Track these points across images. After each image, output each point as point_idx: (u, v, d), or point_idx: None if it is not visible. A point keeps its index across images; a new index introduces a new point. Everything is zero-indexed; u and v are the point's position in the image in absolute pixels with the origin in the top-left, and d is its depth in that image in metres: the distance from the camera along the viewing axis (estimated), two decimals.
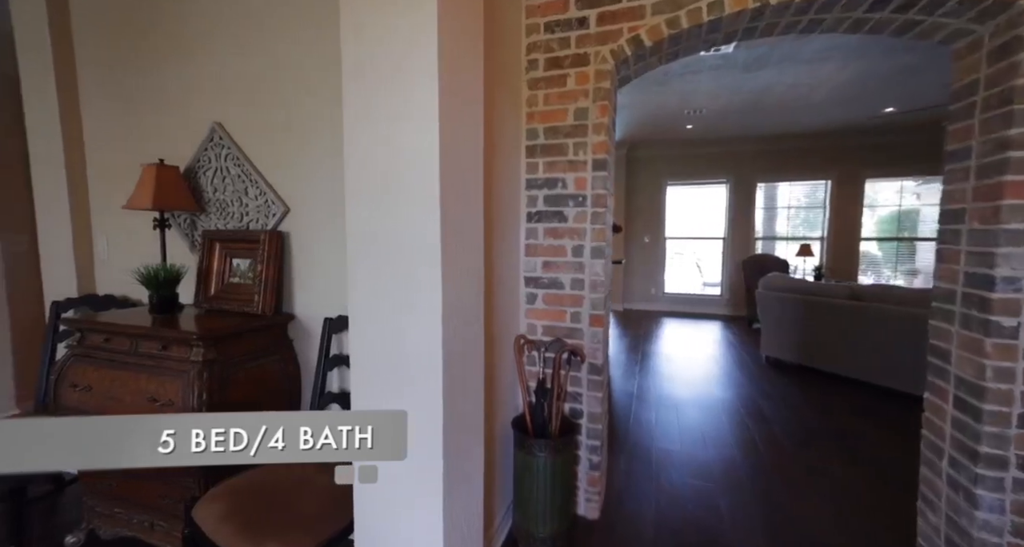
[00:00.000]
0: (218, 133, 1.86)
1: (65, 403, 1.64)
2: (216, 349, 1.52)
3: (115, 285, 2.21)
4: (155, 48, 1.99)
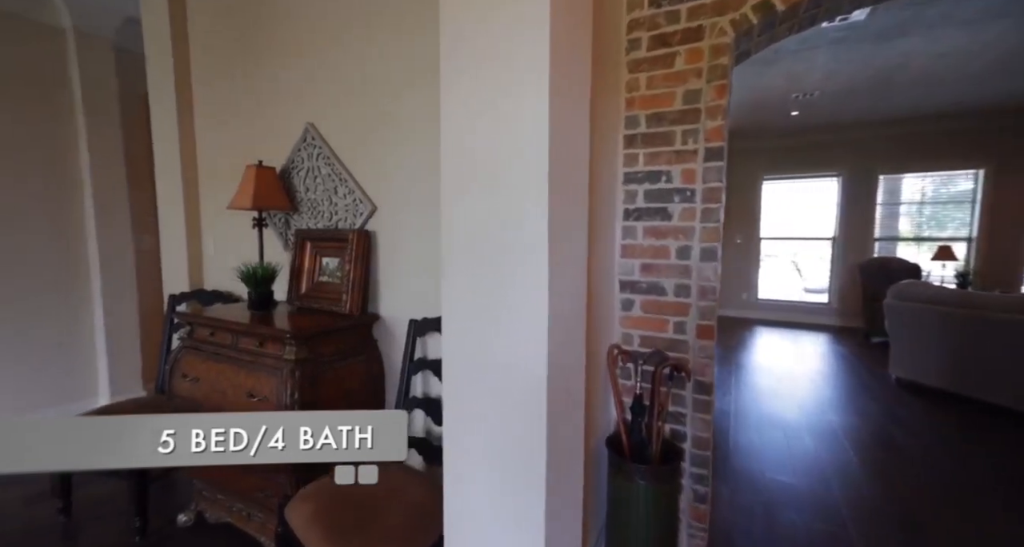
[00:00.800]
0: (311, 133, 1.93)
1: (178, 392, 1.78)
2: (307, 348, 1.55)
3: (220, 281, 2.40)
4: (255, 55, 2.12)
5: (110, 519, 1.93)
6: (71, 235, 2.86)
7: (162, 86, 2.37)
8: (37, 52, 2.69)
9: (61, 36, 2.78)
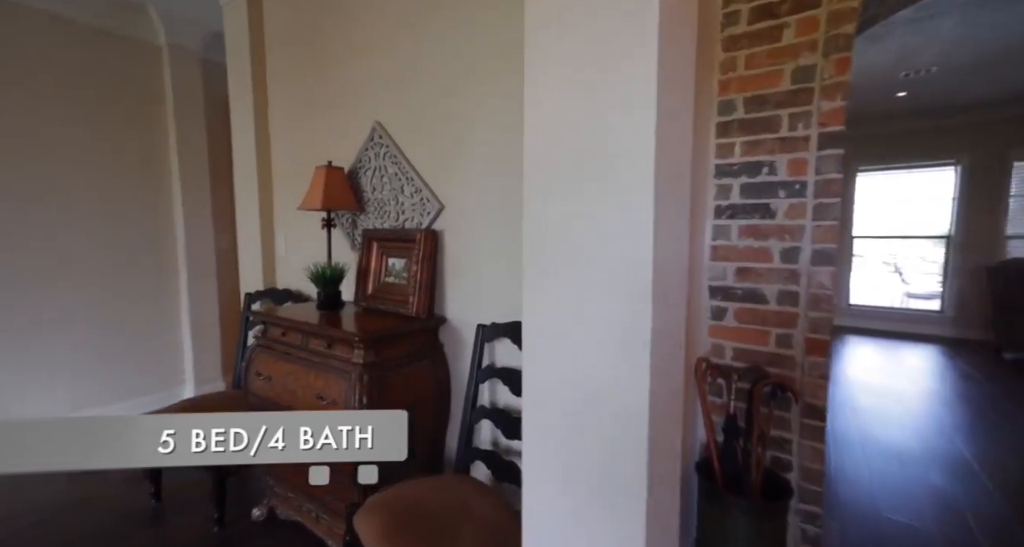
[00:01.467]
0: (378, 132, 1.94)
1: (253, 389, 1.86)
2: (375, 351, 1.54)
3: (291, 280, 2.50)
4: (324, 58, 2.17)
5: (193, 507, 2.06)
6: (163, 235, 3.13)
7: (241, 93, 2.51)
8: (139, 68, 2.95)
9: (158, 53, 3.03)
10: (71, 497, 2.13)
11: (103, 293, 2.88)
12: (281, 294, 2.41)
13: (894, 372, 4.02)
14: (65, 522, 1.96)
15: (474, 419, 1.54)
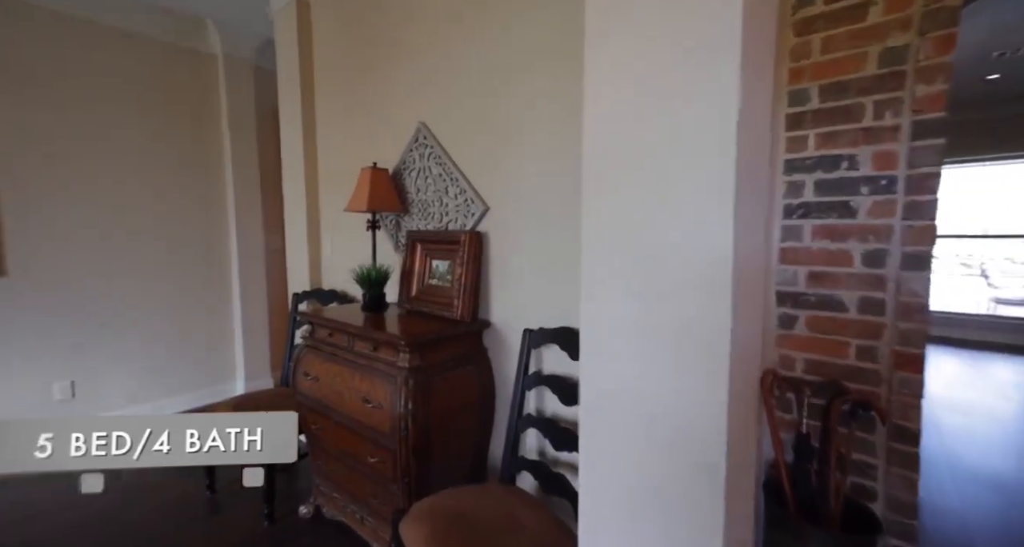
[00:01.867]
0: (422, 132, 1.94)
1: (300, 388, 1.90)
2: (420, 355, 1.53)
3: (336, 281, 2.56)
4: (371, 59, 2.20)
5: (245, 500, 2.14)
6: (217, 236, 3.29)
7: (290, 98, 2.59)
8: (198, 77, 3.12)
9: (214, 62, 3.20)
10: (140, 482, 2.27)
11: (165, 291, 3.06)
12: (327, 295, 2.47)
13: (983, 387, 3.65)
14: (132, 506, 2.09)
15: (520, 427, 1.50)
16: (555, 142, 1.51)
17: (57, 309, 2.66)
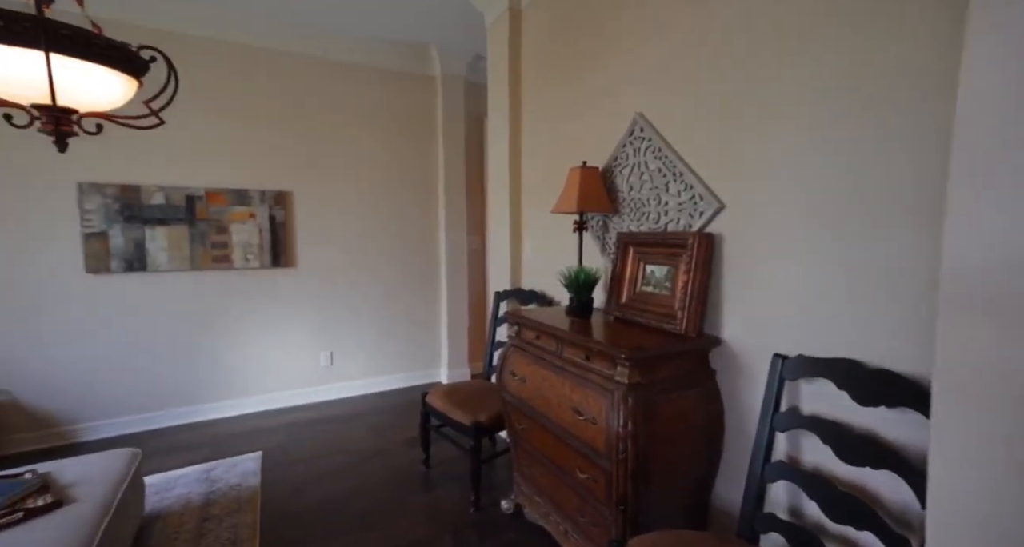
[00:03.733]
0: (639, 124, 1.76)
1: (507, 386, 1.94)
2: (641, 371, 1.37)
3: (535, 281, 2.58)
4: (579, 58, 2.12)
5: (452, 481, 2.32)
6: (430, 237, 3.71)
7: (498, 107, 2.71)
8: (419, 96, 3.57)
9: (433, 82, 3.61)
10: (371, 447, 2.68)
11: (390, 284, 3.58)
12: (527, 295, 2.51)
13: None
14: (363, 467, 2.46)
15: (768, 476, 1.21)
16: (819, 128, 1.17)
17: (323, 294, 3.34)
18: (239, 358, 3.13)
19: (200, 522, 1.97)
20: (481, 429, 2.06)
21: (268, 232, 3.15)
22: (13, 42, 1.17)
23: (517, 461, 1.96)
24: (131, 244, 2.81)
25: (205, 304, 3.01)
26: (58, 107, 1.32)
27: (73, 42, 1.24)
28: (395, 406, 3.31)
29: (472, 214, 3.81)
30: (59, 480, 1.61)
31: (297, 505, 2.12)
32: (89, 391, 2.76)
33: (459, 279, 3.72)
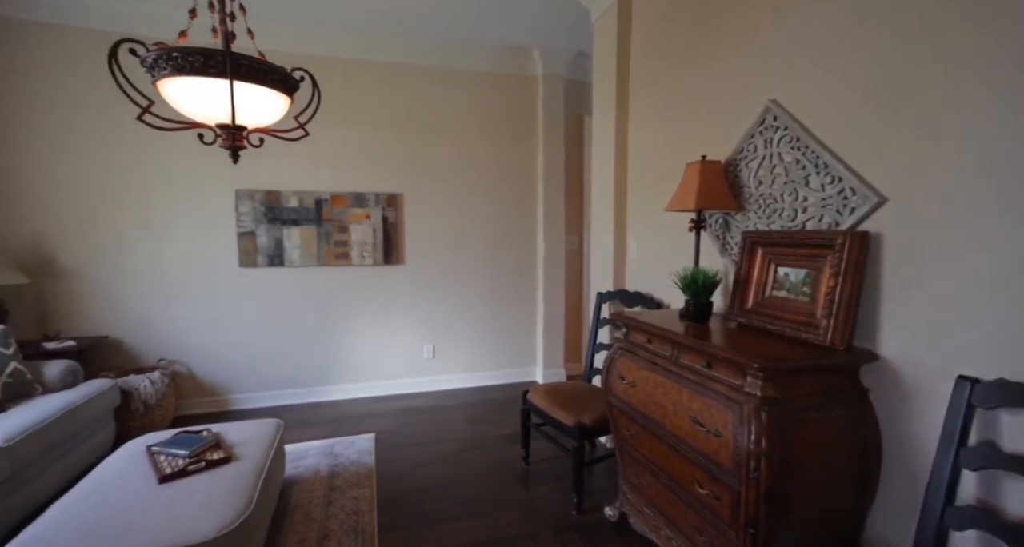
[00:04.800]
0: (772, 113, 1.61)
1: (613, 390, 1.88)
2: (776, 384, 1.24)
3: (639, 283, 2.49)
4: (694, 45, 1.99)
5: (553, 481, 2.31)
6: (527, 237, 3.75)
7: (604, 105, 2.65)
8: (521, 97, 3.63)
9: (535, 83, 3.64)
10: (470, 439, 2.78)
11: (488, 283, 3.68)
12: (631, 297, 2.43)
13: None
14: (464, 457, 2.56)
15: (952, 522, 1.03)
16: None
17: (428, 291, 3.54)
18: (354, 346, 3.43)
19: (327, 491, 2.19)
20: (584, 431, 2.03)
21: (381, 232, 3.42)
22: (209, 73, 1.40)
23: (623, 468, 1.90)
24: (272, 242, 3.22)
25: (329, 296, 3.35)
26: (235, 125, 1.55)
27: (249, 70, 1.45)
28: (490, 401, 3.40)
29: (570, 213, 3.79)
30: (225, 440, 1.89)
31: (408, 485, 2.26)
32: (239, 368, 3.22)
33: (556, 279, 3.71)
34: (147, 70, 1.43)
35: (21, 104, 2.72)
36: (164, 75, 1.41)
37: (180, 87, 1.43)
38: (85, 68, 2.78)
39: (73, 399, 2.20)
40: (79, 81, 2.78)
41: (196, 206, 3.05)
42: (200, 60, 1.38)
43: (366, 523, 1.96)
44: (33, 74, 2.73)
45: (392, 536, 1.89)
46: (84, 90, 2.80)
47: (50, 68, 2.75)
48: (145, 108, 1.48)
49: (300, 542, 1.85)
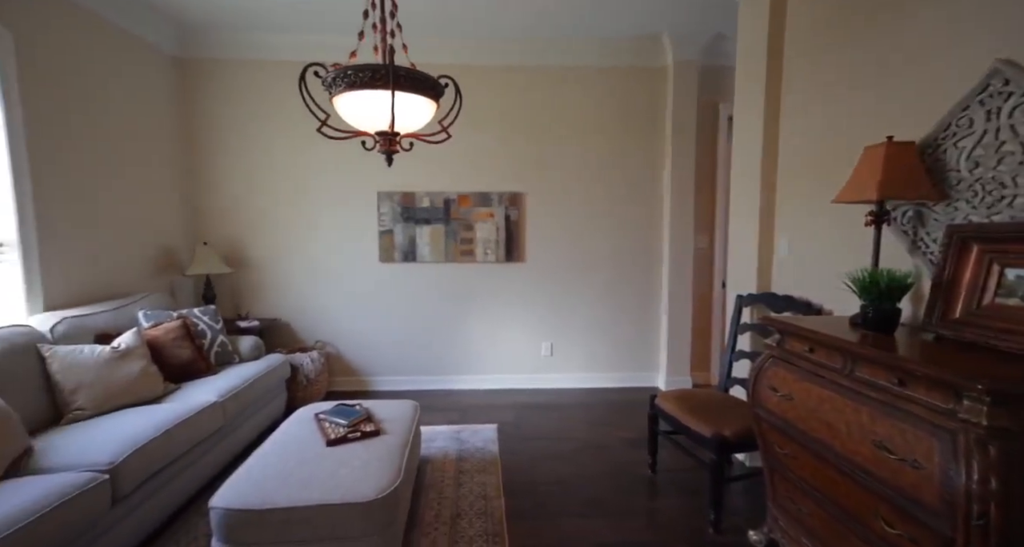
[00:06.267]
0: (1002, 76, 1.30)
1: (764, 402, 1.70)
2: (1008, 413, 1.00)
3: (791, 285, 2.22)
4: (875, 5, 1.70)
5: (683, 493, 2.18)
6: (652, 234, 3.59)
7: (750, 85, 2.42)
8: (647, 89, 3.48)
9: (664, 72, 3.47)
10: (590, 439, 2.74)
11: (607, 282, 3.60)
12: (780, 300, 2.18)
13: None
14: (585, 456, 2.53)
15: None
16: None
17: (547, 289, 3.58)
18: (475, 340, 3.61)
19: (457, 474, 2.33)
20: (725, 444, 1.87)
21: (504, 230, 3.54)
22: (375, 86, 1.57)
23: (774, 490, 1.71)
24: (407, 240, 3.53)
25: (453, 291, 3.57)
26: (392, 132, 1.73)
27: (407, 79, 1.60)
28: (609, 403, 3.32)
29: (699, 210, 3.53)
30: (374, 415, 2.12)
31: (531, 477, 2.31)
32: (378, 353, 3.59)
33: (683, 280, 3.49)
34: (326, 88, 1.66)
35: (222, 125, 3.36)
36: (340, 90, 1.63)
37: (350, 101, 1.63)
38: (273, 94, 3.33)
39: (261, 369, 2.65)
40: (267, 105, 3.35)
41: (345, 208, 3.47)
42: (368, 74, 1.56)
43: (494, 508, 2.05)
44: (229, 102, 3.35)
45: (519, 525, 1.94)
46: (268, 114, 3.36)
47: (242, 95, 3.35)
48: (323, 121, 1.72)
49: (436, 516, 1.99)
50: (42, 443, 1.71)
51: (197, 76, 3.31)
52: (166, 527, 1.90)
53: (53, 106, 2.35)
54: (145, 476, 1.73)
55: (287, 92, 3.29)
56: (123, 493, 1.63)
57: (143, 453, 1.72)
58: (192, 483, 2.04)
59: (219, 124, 3.36)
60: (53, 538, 1.35)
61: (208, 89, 3.33)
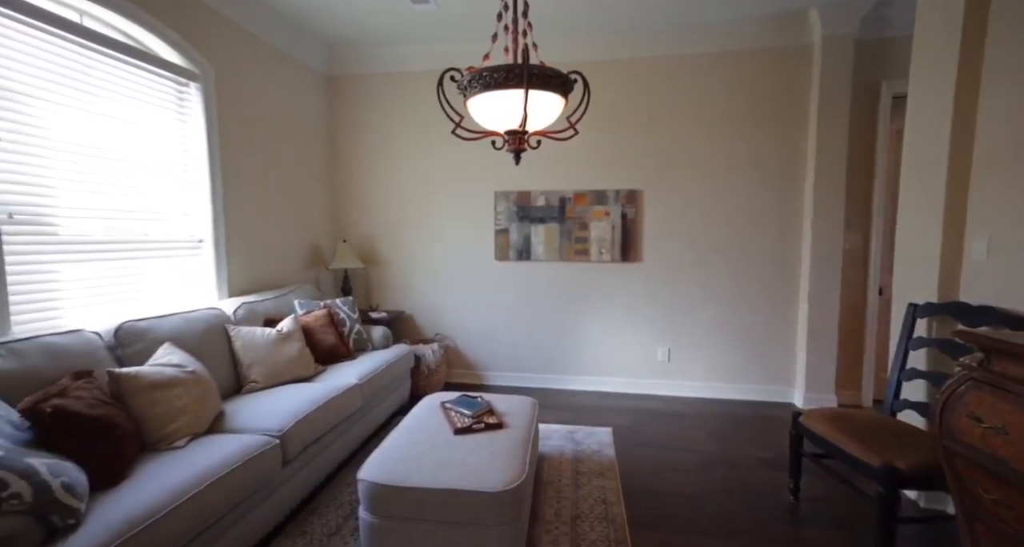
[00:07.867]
0: None
1: (958, 434, 1.43)
2: None
3: (990, 295, 1.84)
4: None
5: (835, 526, 1.92)
6: (789, 235, 3.23)
7: (932, 56, 2.05)
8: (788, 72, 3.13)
9: (808, 50, 3.10)
10: (715, 454, 2.55)
11: (735, 286, 3.32)
12: (975, 311, 1.81)
13: None
14: (711, 471, 2.36)
15: None
16: None
17: (665, 291, 3.42)
18: (588, 340, 3.57)
19: (574, 475, 2.32)
20: (897, 477, 1.61)
21: (619, 229, 3.45)
22: (508, 86, 1.62)
23: (974, 543, 1.42)
24: (522, 238, 3.60)
25: (567, 291, 3.57)
26: (522, 130, 1.76)
27: (539, 77, 1.62)
28: (734, 417, 3.06)
29: (853, 207, 3.10)
30: (495, 408, 2.19)
31: (653, 486, 2.22)
32: (492, 348, 3.72)
33: (828, 285, 3.09)
34: (461, 91, 1.75)
35: (359, 136, 3.74)
36: (474, 92, 1.70)
37: (483, 102, 1.69)
38: (401, 103, 3.64)
39: (391, 357, 2.90)
40: (395, 114, 3.66)
41: (464, 208, 3.65)
42: (503, 74, 1.61)
43: (615, 514, 2.00)
44: (367, 113, 3.71)
45: (644, 535, 1.87)
46: (397, 123, 3.66)
47: (375, 107, 3.69)
48: (457, 123, 1.81)
49: (556, 515, 2.00)
50: (230, 408, 2.04)
51: (341, 91, 3.74)
52: (315, 493, 2.17)
53: (237, 122, 2.82)
54: (304, 444, 1.98)
55: (415, 101, 3.56)
56: (289, 457, 1.88)
57: (305, 422, 1.97)
58: (337, 455, 2.30)
59: (357, 136, 3.75)
60: (241, 487, 1.60)
61: (351, 102, 3.73)
